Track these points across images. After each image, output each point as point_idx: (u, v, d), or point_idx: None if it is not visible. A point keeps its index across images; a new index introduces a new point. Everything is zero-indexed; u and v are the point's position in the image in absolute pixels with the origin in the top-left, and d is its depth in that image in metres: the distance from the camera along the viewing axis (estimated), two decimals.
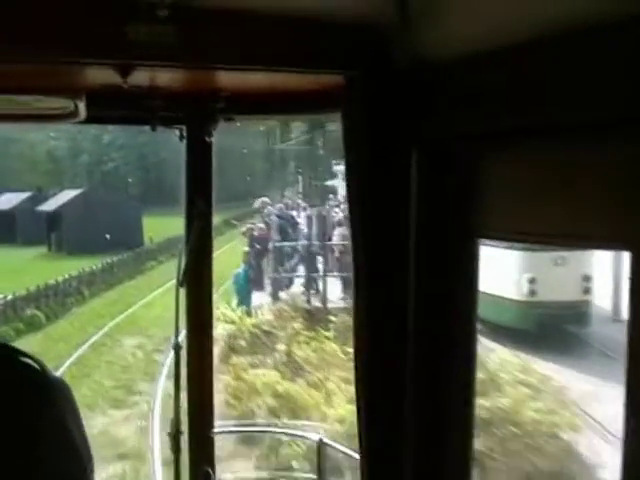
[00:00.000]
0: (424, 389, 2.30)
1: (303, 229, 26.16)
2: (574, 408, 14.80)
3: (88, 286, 30.08)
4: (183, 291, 3.25)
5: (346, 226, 18.08)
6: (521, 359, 17.22)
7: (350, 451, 3.71)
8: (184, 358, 3.30)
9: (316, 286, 22.71)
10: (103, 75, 2.29)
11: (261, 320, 20.06)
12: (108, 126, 36.76)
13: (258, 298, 23.45)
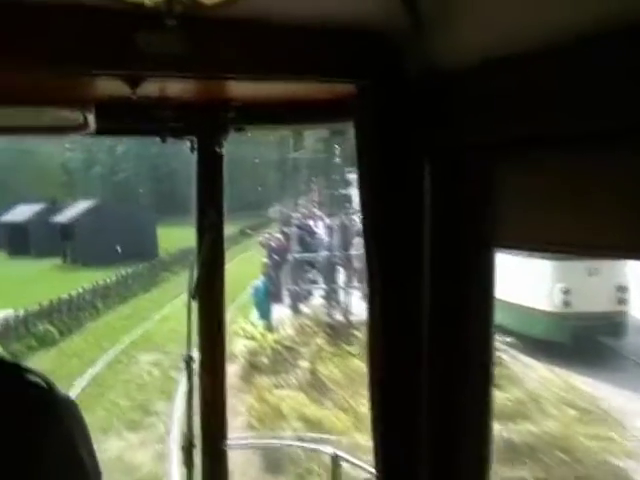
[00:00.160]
0: (440, 400, 2.26)
1: (322, 239, 25.16)
2: (623, 429, 13.68)
3: (102, 299, 29.03)
4: (195, 303, 3.20)
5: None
6: (560, 375, 16.28)
7: (366, 465, 3.48)
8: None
9: (337, 299, 21.64)
10: (112, 86, 2.24)
11: (282, 335, 19.11)
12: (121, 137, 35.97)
13: (277, 311, 22.62)
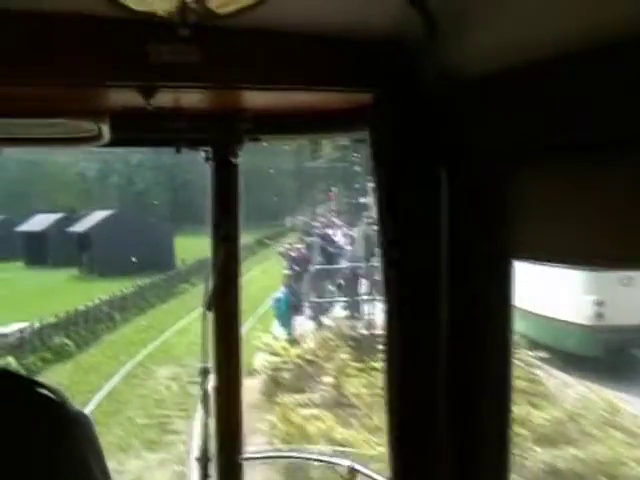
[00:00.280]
0: (458, 412, 2.20)
1: (344, 249, 24.32)
2: None
3: (119, 311, 28.29)
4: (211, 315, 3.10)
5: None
6: (597, 392, 15.33)
7: (383, 478, 3.22)
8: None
9: (360, 311, 20.78)
10: (126, 97, 2.23)
11: (305, 350, 18.24)
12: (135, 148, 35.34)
13: (298, 323, 21.85)
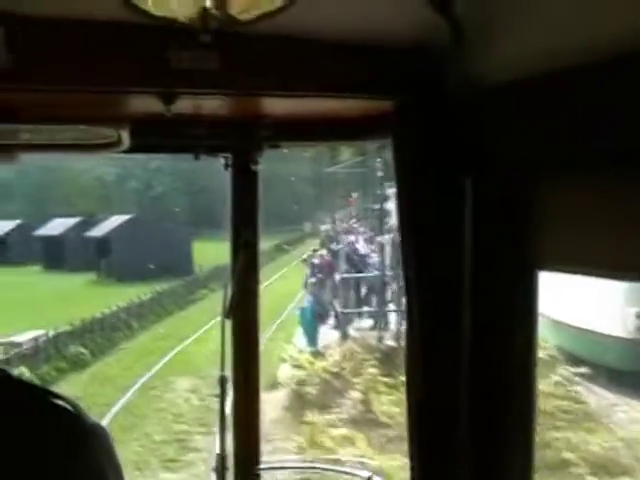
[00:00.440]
0: (480, 423, 2.13)
1: (369, 256, 23.15)
2: None
3: (137, 319, 27.16)
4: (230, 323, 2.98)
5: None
6: None
7: None
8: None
9: (387, 322, 19.59)
10: (146, 104, 2.23)
11: (330, 362, 17.01)
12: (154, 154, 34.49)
13: (323, 333, 20.61)
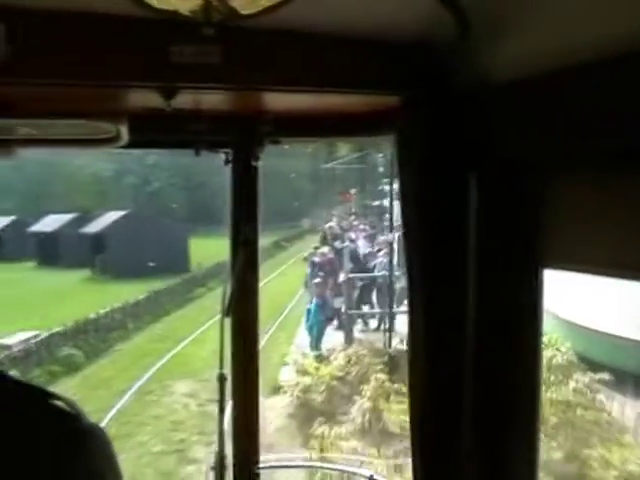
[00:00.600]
0: (485, 426, 2.11)
1: (367, 254, 22.11)
2: None
3: (132, 319, 25.86)
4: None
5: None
6: None
7: None
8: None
9: (394, 324, 18.50)
10: (146, 98, 2.14)
11: (336, 366, 15.92)
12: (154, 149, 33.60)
13: (326, 335, 19.54)
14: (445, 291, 2.16)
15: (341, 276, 20.26)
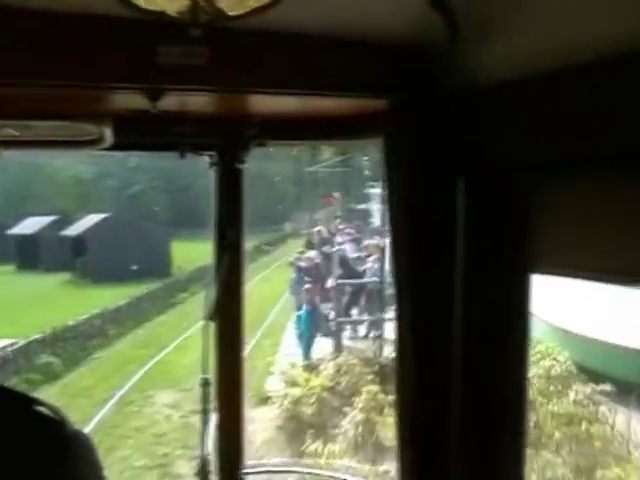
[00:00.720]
0: (472, 432, 2.07)
1: (355, 259, 21.44)
2: None
3: (113, 325, 24.95)
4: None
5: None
6: None
7: None
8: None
9: (384, 332, 17.86)
10: (131, 100, 2.08)
11: (327, 377, 15.18)
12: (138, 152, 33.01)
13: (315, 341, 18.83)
14: (433, 295, 2.16)
15: (329, 282, 19.55)
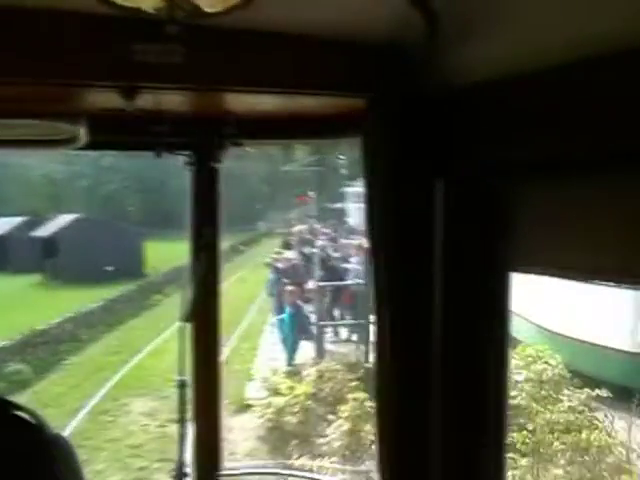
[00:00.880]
0: (452, 431, 2.08)
1: (346, 261, 20.82)
2: None
3: (85, 329, 23.83)
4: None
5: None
6: None
7: None
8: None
9: (368, 336, 17.20)
10: (106, 98, 2.09)
11: (310, 384, 14.39)
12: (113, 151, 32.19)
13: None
14: (412, 294, 2.12)
15: (309, 283, 18.81)
